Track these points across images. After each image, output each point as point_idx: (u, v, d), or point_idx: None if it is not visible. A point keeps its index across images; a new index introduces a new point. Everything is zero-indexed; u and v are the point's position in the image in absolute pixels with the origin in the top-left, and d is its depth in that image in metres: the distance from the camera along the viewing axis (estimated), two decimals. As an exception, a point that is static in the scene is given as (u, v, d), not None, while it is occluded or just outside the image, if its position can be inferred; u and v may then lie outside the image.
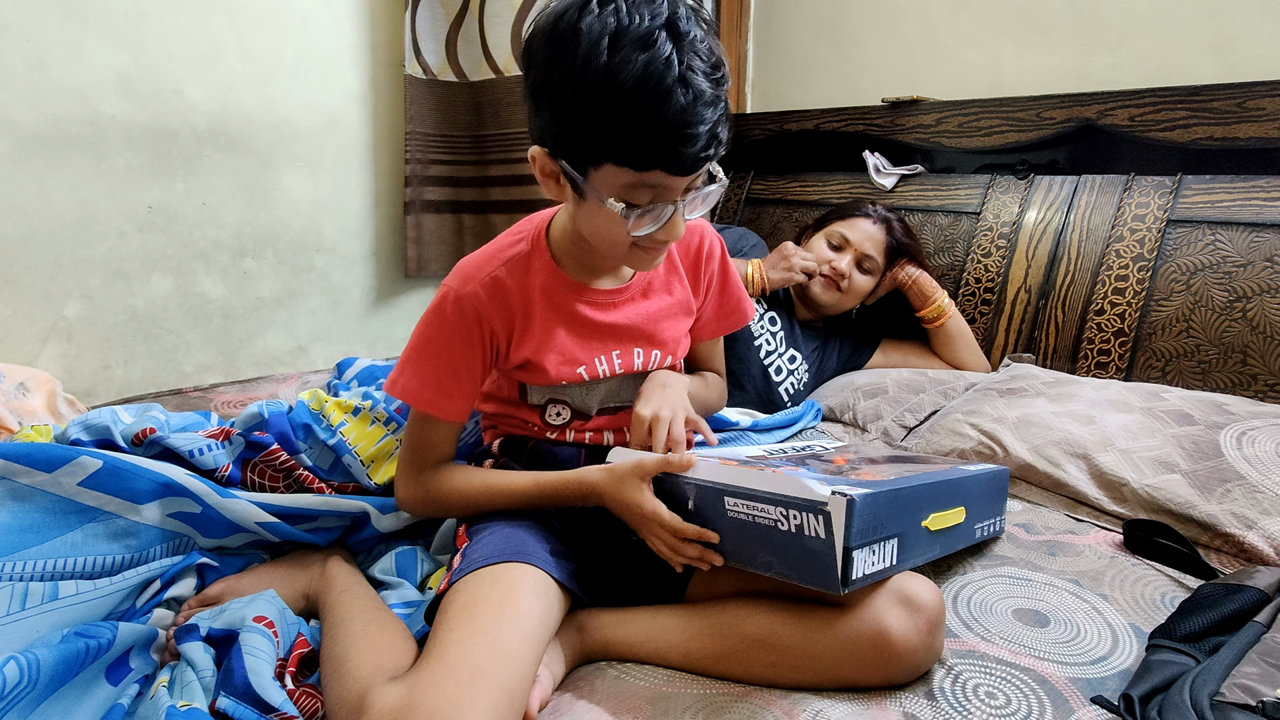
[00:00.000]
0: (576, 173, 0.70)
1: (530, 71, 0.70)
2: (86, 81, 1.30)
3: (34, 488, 0.75)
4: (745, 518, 0.69)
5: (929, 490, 0.76)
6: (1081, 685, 0.68)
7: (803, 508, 0.65)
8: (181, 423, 0.96)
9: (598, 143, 0.67)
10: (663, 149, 0.66)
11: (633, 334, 0.86)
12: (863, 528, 0.64)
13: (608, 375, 0.85)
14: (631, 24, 0.64)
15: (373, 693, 0.59)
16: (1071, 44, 1.58)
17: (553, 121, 0.69)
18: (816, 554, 0.65)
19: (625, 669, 0.71)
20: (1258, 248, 1.24)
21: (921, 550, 0.75)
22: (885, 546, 0.68)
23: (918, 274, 1.49)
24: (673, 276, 0.90)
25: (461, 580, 0.69)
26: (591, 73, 0.64)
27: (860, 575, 0.65)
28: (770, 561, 0.68)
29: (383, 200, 1.71)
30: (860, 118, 1.85)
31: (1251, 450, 1.00)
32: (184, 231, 1.44)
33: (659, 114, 0.64)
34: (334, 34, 1.57)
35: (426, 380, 0.79)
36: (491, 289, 0.80)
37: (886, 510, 0.68)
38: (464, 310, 0.79)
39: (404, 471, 0.83)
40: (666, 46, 0.64)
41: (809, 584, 0.66)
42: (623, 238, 0.73)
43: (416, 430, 0.82)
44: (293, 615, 0.78)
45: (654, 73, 0.63)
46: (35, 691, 0.62)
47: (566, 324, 0.82)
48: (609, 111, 0.64)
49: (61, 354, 1.34)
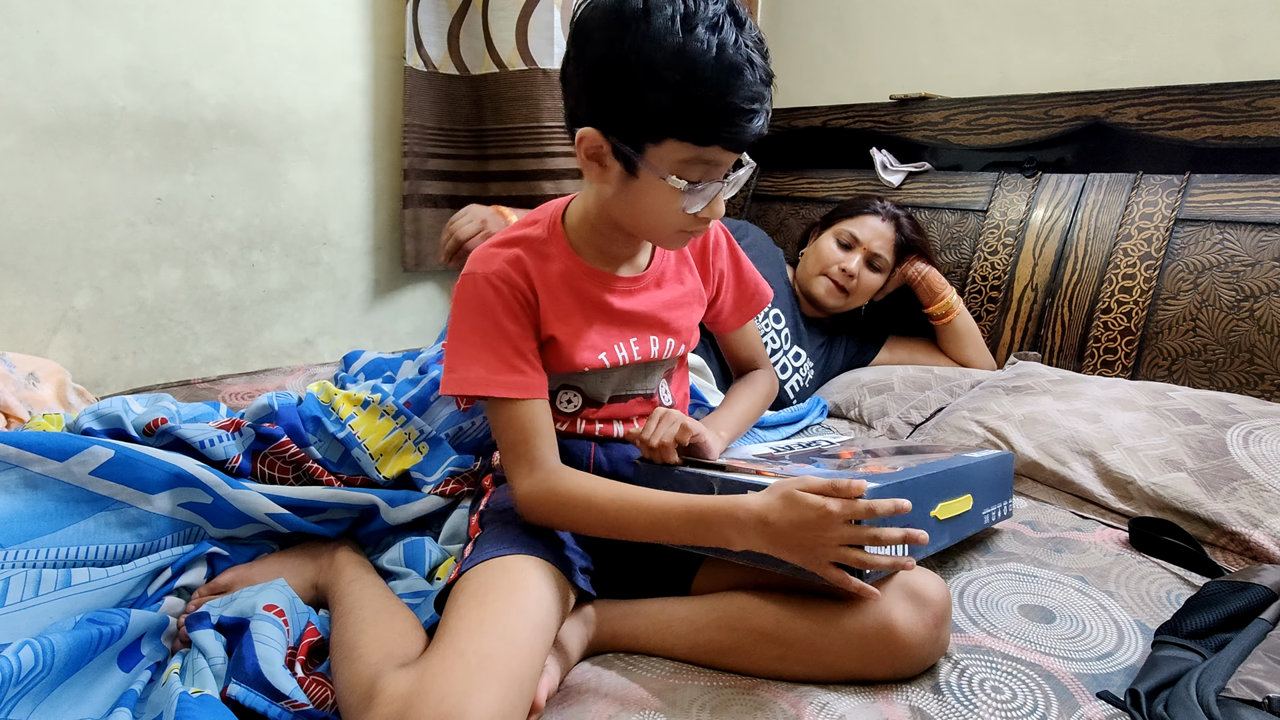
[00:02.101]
0: (633, 150, 0.72)
1: (585, 50, 0.72)
2: (96, 73, 1.30)
3: (46, 476, 0.76)
4: None
5: (935, 480, 0.77)
6: (1087, 680, 0.69)
7: None
8: (192, 413, 0.96)
9: (664, 118, 0.69)
10: (729, 124, 0.70)
11: (649, 322, 0.86)
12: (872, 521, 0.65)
13: (626, 362, 0.85)
14: (699, 9, 0.68)
15: (383, 679, 0.59)
16: (1080, 42, 1.58)
17: (612, 99, 0.71)
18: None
19: (633, 661, 0.72)
20: (1266, 247, 1.24)
21: (932, 539, 0.75)
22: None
23: (927, 270, 1.49)
24: (683, 267, 0.91)
25: (472, 569, 0.70)
26: (666, 50, 0.67)
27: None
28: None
29: (384, 194, 1.71)
30: (868, 115, 1.84)
31: (1258, 449, 1.00)
32: (193, 224, 1.44)
33: (731, 90, 0.68)
34: (339, 26, 1.57)
35: (490, 365, 0.75)
36: (516, 264, 0.79)
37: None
38: (498, 286, 0.77)
39: (517, 473, 0.76)
40: (733, 31, 0.69)
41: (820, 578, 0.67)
42: (672, 216, 0.76)
43: (504, 424, 0.76)
44: (302, 604, 0.79)
45: (726, 53, 0.68)
46: (50, 676, 0.62)
47: (587, 310, 0.82)
48: (683, 87, 0.68)
49: (71, 344, 1.35)
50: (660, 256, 0.89)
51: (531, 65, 1.63)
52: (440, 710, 0.55)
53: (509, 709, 0.57)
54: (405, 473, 0.95)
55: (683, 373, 0.96)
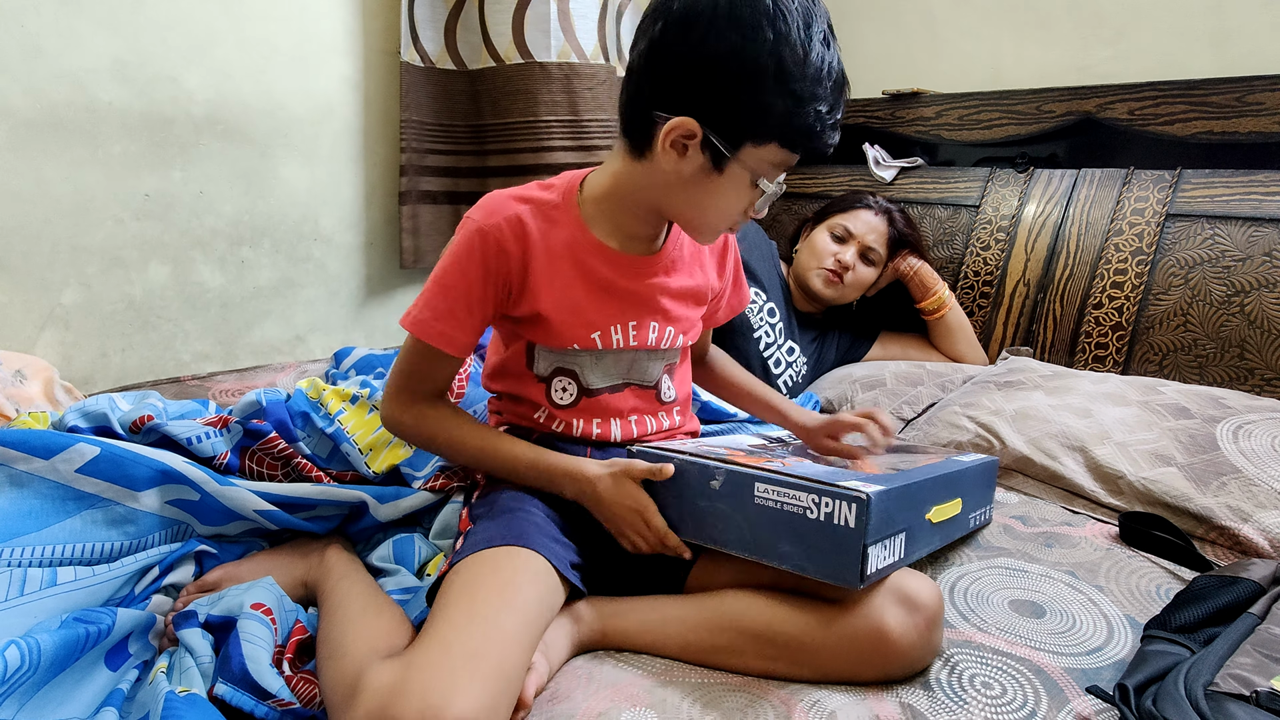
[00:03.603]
0: (729, 146, 0.72)
1: (701, 40, 0.69)
2: (82, 68, 1.29)
3: (32, 474, 0.75)
4: (773, 505, 0.69)
5: (932, 484, 0.78)
6: (1077, 675, 0.69)
7: (837, 495, 0.66)
8: (179, 410, 0.96)
9: (778, 122, 0.71)
10: (827, 136, 0.73)
11: (651, 307, 0.84)
12: (878, 522, 0.65)
13: (621, 346, 0.83)
14: (815, 20, 0.70)
15: (368, 672, 0.59)
16: (1071, 37, 1.58)
17: (727, 93, 0.70)
18: (841, 544, 0.65)
19: (623, 658, 0.72)
20: (1256, 242, 1.25)
21: (926, 542, 0.77)
22: (895, 541, 0.69)
23: (919, 265, 1.49)
24: (695, 261, 0.89)
25: (462, 562, 0.69)
26: (799, 57, 0.68)
27: (874, 570, 0.66)
28: (789, 552, 0.69)
29: (377, 190, 1.70)
30: (860, 110, 1.84)
31: (1248, 444, 1.00)
32: (182, 220, 1.43)
33: (837, 105, 0.72)
34: (330, 20, 1.56)
35: (439, 311, 0.79)
36: (515, 226, 0.78)
37: (897, 505, 0.69)
38: (486, 243, 0.78)
39: (395, 395, 0.83)
40: (836, 46, 0.72)
41: (825, 577, 0.67)
42: (735, 213, 0.78)
43: (414, 359, 0.81)
44: (290, 602, 0.78)
45: (836, 68, 0.71)
46: (36, 676, 0.62)
47: (586, 283, 0.81)
48: (806, 96, 0.69)
49: (59, 342, 1.34)
50: (674, 245, 0.86)
51: (529, 58, 1.62)
52: (424, 704, 0.54)
53: (494, 704, 0.57)
54: (395, 468, 0.94)
55: (685, 368, 0.94)
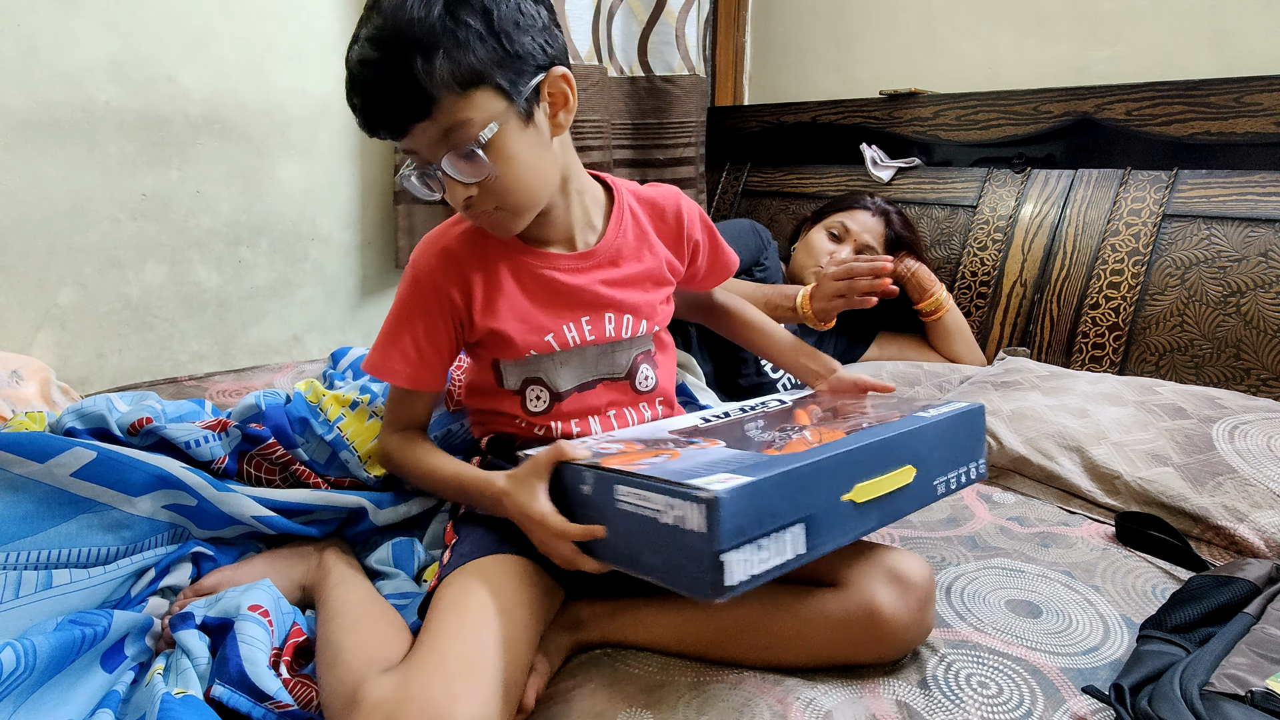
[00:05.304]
0: None
1: None
2: (79, 67, 1.28)
3: (27, 478, 0.75)
4: (632, 509, 0.60)
5: (849, 459, 0.63)
6: (1073, 675, 0.69)
7: (684, 496, 0.55)
8: (177, 411, 0.95)
9: None
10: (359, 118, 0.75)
11: (601, 301, 0.84)
12: (737, 525, 0.54)
13: (578, 344, 0.83)
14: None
15: (366, 685, 0.59)
16: (1069, 37, 1.58)
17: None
18: (691, 553, 0.55)
19: (620, 657, 0.72)
20: (1252, 243, 1.25)
21: (847, 527, 0.63)
22: (783, 537, 0.58)
23: (917, 266, 1.50)
24: (643, 246, 0.88)
25: (452, 575, 0.69)
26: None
27: (743, 579, 0.55)
28: (653, 564, 0.59)
29: (373, 189, 1.69)
30: (858, 110, 1.84)
31: (1243, 444, 1.01)
32: (178, 219, 1.43)
33: (353, 89, 0.72)
34: (327, 19, 1.56)
35: (406, 355, 0.81)
36: (444, 260, 0.81)
37: (777, 497, 0.57)
38: (421, 284, 0.80)
39: (384, 428, 0.87)
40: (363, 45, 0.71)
41: (683, 590, 0.57)
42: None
43: (395, 396, 0.86)
44: (288, 605, 0.78)
45: (354, 59, 0.71)
46: (32, 678, 0.62)
47: (531, 291, 0.82)
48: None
49: (55, 342, 1.34)
50: (614, 234, 0.85)
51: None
52: (425, 715, 0.55)
53: (494, 712, 0.57)
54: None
55: (667, 356, 0.92)
